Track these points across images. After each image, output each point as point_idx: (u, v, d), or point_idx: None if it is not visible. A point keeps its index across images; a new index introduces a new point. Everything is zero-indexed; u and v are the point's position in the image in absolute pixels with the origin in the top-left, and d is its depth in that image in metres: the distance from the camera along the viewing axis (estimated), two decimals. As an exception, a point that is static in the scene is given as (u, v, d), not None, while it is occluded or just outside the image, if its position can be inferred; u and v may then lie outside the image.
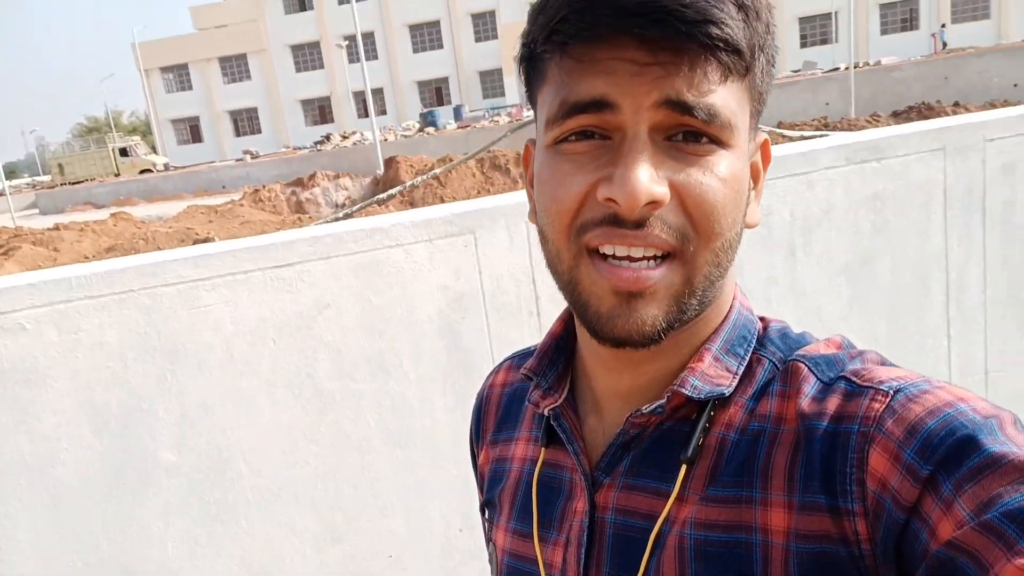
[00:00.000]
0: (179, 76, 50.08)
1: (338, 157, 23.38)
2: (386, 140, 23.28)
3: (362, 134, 28.02)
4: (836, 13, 36.45)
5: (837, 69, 27.69)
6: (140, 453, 1.92)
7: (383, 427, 2.11)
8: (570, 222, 0.54)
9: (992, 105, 15.90)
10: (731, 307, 0.60)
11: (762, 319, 0.62)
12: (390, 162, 13.57)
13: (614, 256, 0.53)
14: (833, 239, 2.41)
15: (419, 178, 4.34)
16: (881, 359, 0.55)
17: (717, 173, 0.51)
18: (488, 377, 0.81)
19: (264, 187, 15.02)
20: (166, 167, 39.38)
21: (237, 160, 31.19)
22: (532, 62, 0.57)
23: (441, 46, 46.64)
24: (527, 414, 0.72)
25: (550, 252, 0.57)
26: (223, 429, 1.99)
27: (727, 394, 0.56)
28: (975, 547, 0.42)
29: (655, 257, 0.52)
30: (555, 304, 2.18)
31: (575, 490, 0.63)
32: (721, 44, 0.49)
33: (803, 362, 0.56)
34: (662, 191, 0.50)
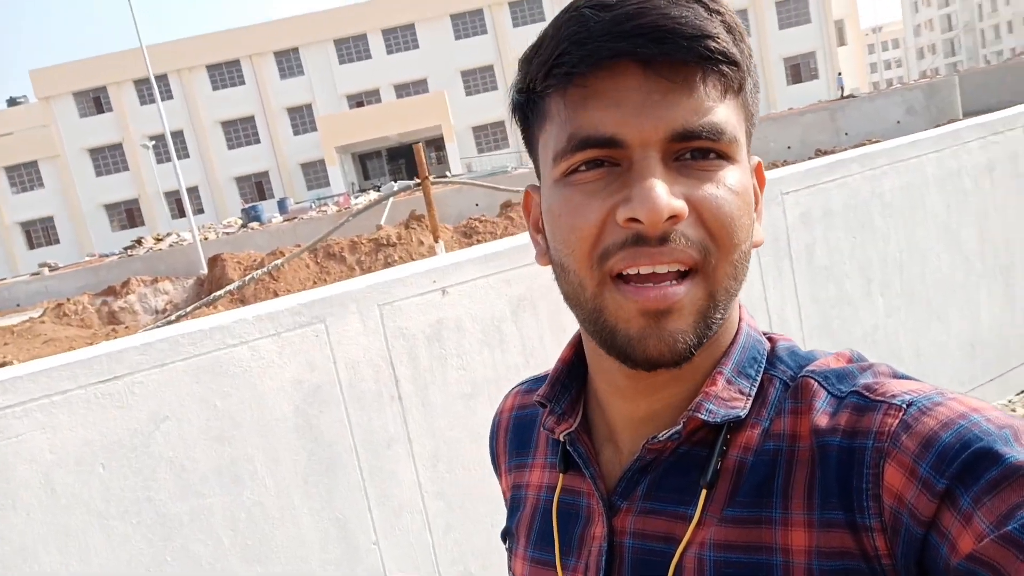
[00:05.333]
0: (-43, 188, 45.21)
1: (153, 261, 21.88)
2: (207, 239, 22.14)
3: (178, 235, 26.52)
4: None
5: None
6: (-60, 624, 1.61)
7: (240, 544, 1.92)
8: (591, 249, 0.54)
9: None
10: (739, 328, 0.60)
11: (770, 338, 0.62)
12: (215, 260, 12.84)
13: (637, 277, 0.52)
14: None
15: (250, 275, 4.13)
16: (893, 371, 0.55)
17: (729, 186, 0.53)
18: (499, 404, 0.80)
19: (69, 300, 13.65)
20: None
21: (33, 274, 28.26)
22: (530, 104, 0.58)
23: (258, 140, 45.66)
24: (540, 440, 0.71)
25: (571, 283, 0.56)
26: (48, 577, 1.71)
27: (742, 416, 0.56)
28: (996, 560, 0.42)
29: (678, 274, 0.52)
30: (416, 385, 2.13)
31: (593, 515, 0.62)
32: (720, 57, 0.51)
33: (813, 378, 0.56)
34: (681, 205, 0.51)
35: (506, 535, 0.74)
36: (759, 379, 0.58)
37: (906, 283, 3.22)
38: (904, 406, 0.50)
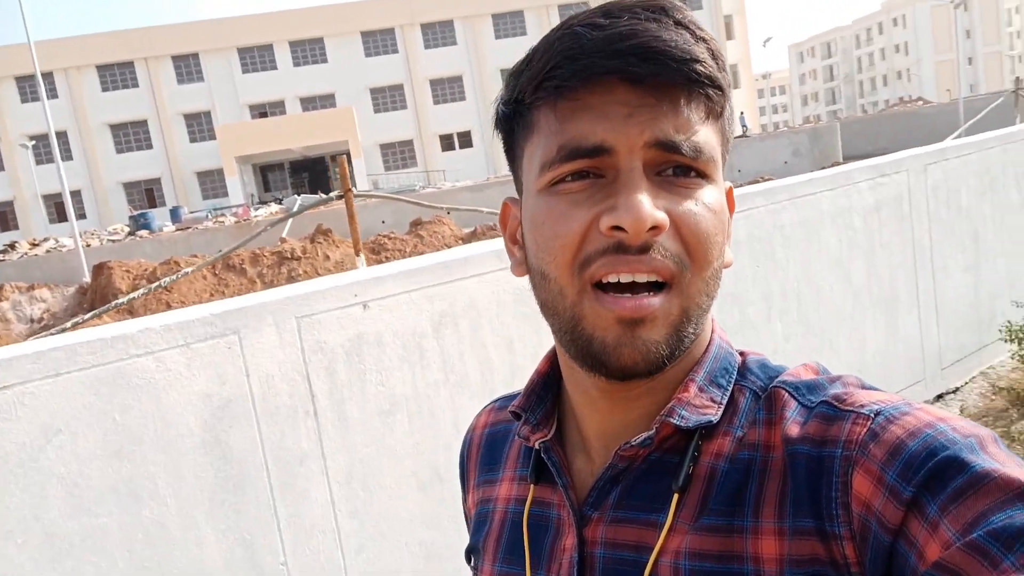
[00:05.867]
0: None
1: (28, 267, 20.32)
2: (89, 245, 20.79)
3: (57, 240, 24.78)
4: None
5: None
6: None
7: (137, 566, 1.79)
8: (573, 257, 0.54)
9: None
10: (711, 340, 0.62)
11: (741, 353, 0.64)
12: (100, 268, 12.04)
13: (617, 287, 0.54)
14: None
15: (156, 284, 3.92)
16: (860, 382, 0.56)
17: (706, 203, 0.55)
18: (472, 422, 0.80)
19: (-71, 307, 12.45)
20: None
21: None
22: (516, 116, 0.59)
23: (151, 146, 43.41)
24: (511, 454, 0.71)
25: (550, 292, 0.57)
26: (-89, 608, 1.54)
27: (714, 422, 0.57)
28: (962, 567, 0.43)
29: (654, 285, 0.54)
30: (333, 400, 2.07)
31: (563, 527, 0.62)
32: (706, 80, 0.53)
33: (784, 388, 0.57)
34: (663, 216, 0.52)
35: (471, 553, 0.73)
36: (730, 389, 0.59)
37: (802, 311, 3.41)
38: (872, 415, 0.51)
